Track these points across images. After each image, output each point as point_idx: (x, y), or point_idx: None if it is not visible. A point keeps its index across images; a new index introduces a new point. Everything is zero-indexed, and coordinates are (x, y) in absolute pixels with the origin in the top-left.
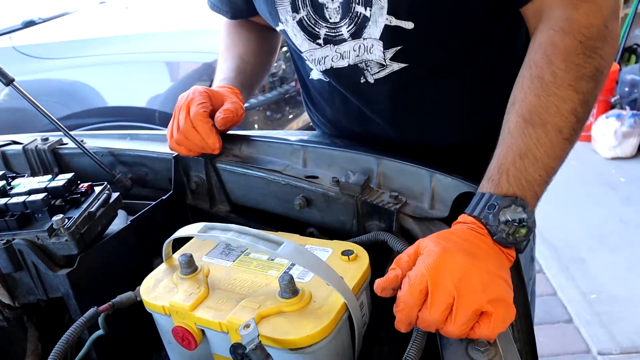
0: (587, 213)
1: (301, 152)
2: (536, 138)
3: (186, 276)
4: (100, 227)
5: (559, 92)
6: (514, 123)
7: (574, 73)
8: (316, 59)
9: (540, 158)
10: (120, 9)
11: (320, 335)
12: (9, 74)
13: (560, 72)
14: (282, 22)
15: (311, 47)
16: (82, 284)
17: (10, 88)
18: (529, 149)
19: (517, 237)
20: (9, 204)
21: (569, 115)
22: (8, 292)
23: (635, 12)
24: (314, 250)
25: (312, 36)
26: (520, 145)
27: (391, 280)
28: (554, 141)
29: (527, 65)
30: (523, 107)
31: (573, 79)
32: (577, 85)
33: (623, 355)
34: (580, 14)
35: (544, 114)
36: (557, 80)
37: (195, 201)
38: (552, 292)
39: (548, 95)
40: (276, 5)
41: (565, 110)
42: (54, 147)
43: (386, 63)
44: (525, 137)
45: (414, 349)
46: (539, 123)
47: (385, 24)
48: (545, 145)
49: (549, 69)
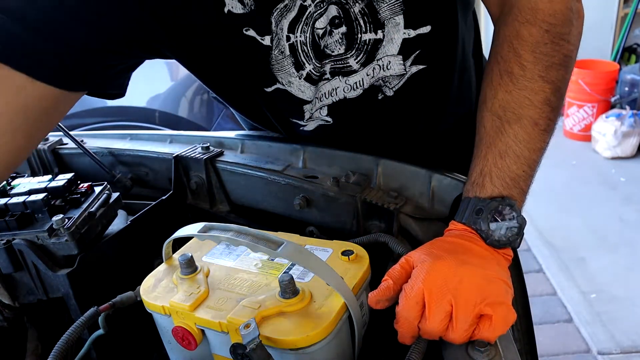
0: (587, 213)
1: (301, 152)
2: (514, 135)
3: (186, 276)
4: (100, 227)
5: (530, 84)
6: (490, 122)
7: (542, 63)
8: (324, 93)
9: (521, 154)
10: None
11: (320, 336)
12: None
13: (528, 64)
14: (282, 84)
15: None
16: (82, 284)
17: None
18: (508, 147)
19: (510, 237)
20: (9, 204)
21: (543, 106)
22: (8, 292)
23: (635, 12)
24: (314, 250)
25: (320, 80)
26: (499, 144)
27: (384, 292)
28: (531, 135)
29: (495, 60)
30: (495, 104)
31: (542, 69)
32: (547, 75)
33: (623, 354)
34: (544, 2)
35: (518, 109)
36: (527, 73)
37: (195, 201)
38: (552, 291)
39: (519, 90)
40: (274, 72)
41: (538, 102)
42: (54, 147)
43: (406, 70)
44: (502, 135)
45: (415, 352)
46: (514, 119)
47: (404, 38)
48: (524, 140)
49: (517, 62)
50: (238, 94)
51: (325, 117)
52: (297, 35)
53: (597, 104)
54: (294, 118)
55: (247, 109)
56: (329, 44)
